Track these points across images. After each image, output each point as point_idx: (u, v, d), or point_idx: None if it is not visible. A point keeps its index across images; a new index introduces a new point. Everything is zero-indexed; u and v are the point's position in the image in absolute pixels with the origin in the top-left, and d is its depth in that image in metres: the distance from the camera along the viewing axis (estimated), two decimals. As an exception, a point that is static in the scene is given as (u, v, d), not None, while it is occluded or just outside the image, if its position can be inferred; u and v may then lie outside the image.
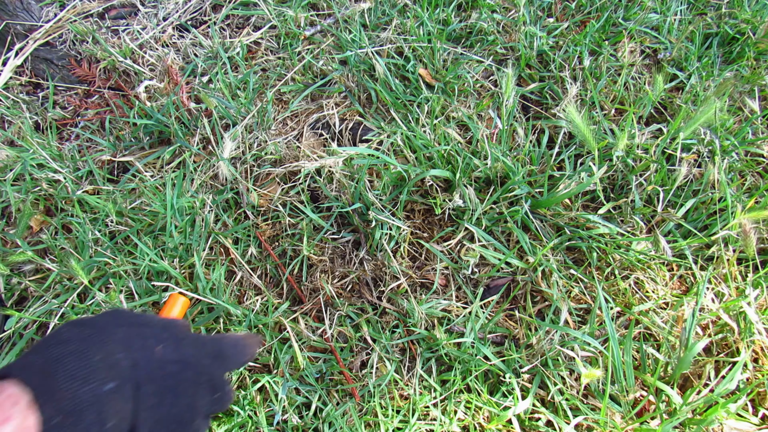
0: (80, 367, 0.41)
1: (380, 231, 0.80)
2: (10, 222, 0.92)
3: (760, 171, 0.92)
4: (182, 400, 0.47)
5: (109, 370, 0.42)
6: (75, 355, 0.42)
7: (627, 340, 0.70)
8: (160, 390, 0.46)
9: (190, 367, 0.49)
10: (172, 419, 0.47)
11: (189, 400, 0.48)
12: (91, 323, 0.46)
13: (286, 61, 1.03)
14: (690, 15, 1.11)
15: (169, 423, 0.46)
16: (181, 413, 0.47)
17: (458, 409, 0.71)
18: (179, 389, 0.47)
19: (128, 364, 0.44)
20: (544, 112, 0.97)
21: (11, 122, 1.02)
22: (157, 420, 0.45)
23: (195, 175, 0.90)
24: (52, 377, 0.39)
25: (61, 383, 0.39)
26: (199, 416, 0.49)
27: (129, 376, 0.43)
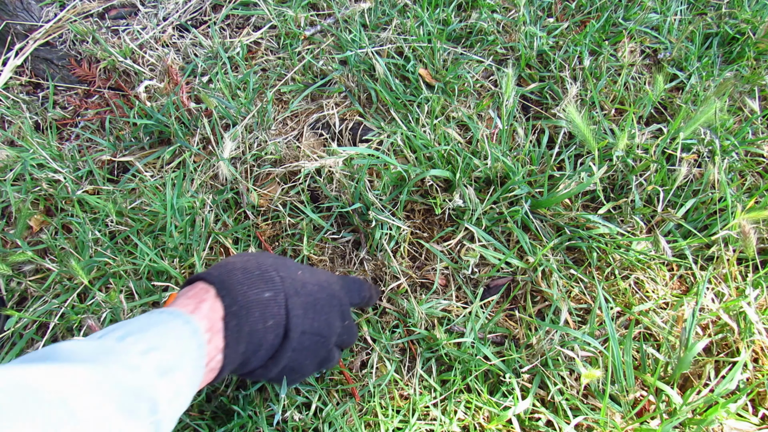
0: (246, 278, 0.52)
1: (380, 231, 0.80)
2: (10, 222, 0.92)
3: (760, 171, 0.92)
4: (321, 316, 0.56)
5: (266, 282, 0.53)
6: (241, 270, 0.53)
7: (627, 340, 0.70)
8: (304, 304, 0.55)
9: (324, 290, 0.59)
10: (315, 331, 0.56)
11: (326, 317, 0.57)
12: (248, 254, 0.58)
13: (286, 61, 1.03)
14: (690, 15, 1.11)
15: (312, 334, 0.55)
16: (321, 328, 0.56)
17: (458, 409, 0.71)
18: (317, 306, 0.56)
19: (279, 281, 0.54)
20: (544, 112, 0.97)
21: (11, 122, 1.02)
22: (303, 330, 0.54)
23: (195, 175, 0.90)
24: (227, 282, 0.51)
25: (234, 286, 0.51)
26: (335, 335, 0.59)
27: (280, 289, 0.53)
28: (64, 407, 0.32)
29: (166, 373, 0.40)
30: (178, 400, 0.41)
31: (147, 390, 0.38)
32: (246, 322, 0.49)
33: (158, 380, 0.39)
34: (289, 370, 0.56)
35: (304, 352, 0.56)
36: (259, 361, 0.53)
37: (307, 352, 0.56)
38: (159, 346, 0.41)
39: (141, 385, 0.38)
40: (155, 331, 0.43)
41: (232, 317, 0.48)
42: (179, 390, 0.41)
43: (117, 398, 0.35)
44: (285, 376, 0.58)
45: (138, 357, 0.39)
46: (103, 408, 0.34)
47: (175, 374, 0.41)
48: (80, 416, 0.32)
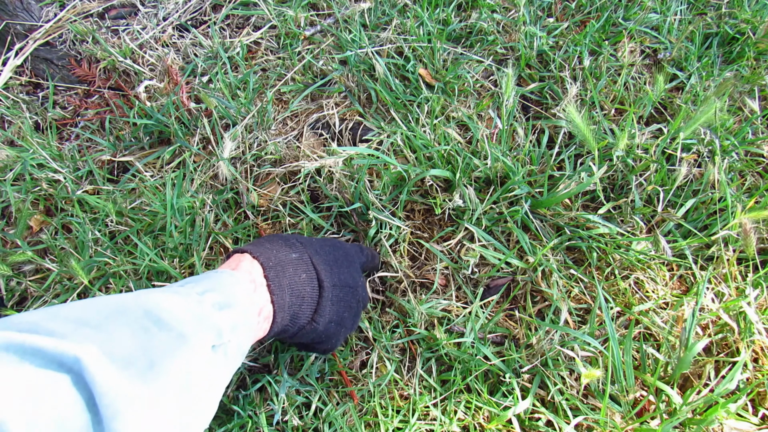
0: (272, 245, 0.59)
1: (376, 229, 0.80)
2: (10, 222, 0.92)
3: (760, 171, 0.92)
4: (344, 269, 0.63)
5: (291, 247, 0.60)
6: (267, 240, 0.61)
7: (627, 340, 0.70)
8: (326, 261, 0.61)
9: (339, 249, 0.66)
10: (344, 283, 0.62)
11: (348, 270, 0.64)
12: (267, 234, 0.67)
13: (286, 61, 1.03)
14: (690, 15, 1.11)
15: (342, 286, 0.62)
16: (347, 279, 0.63)
17: (458, 409, 0.71)
18: (339, 262, 0.63)
19: (301, 245, 0.61)
20: (544, 112, 0.97)
21: (11, 122, 1.02)
22: (334, 283, 0.60)
23: (195, 175, 0.90)
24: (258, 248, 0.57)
25: (264, 251, 0.57)
26: (359, 286, 0.65)
27: (304, 251, 0.60)
28: (150, 316, 0.38)
29: (224, 308, 0.46)
30: (238, 334, 0.47)
31: (210, 317, 0.44)
32: (284, 276, 0.55)
33: (218, 312, 0.45)
34: (335, 325, 0.61)
35: (341, 303, 0.61)
36: (305, 316, 0.58)
37: (343, 303, 0.61)
38: (213, 288, 0.48)
39: (205, 313, 0.44)
40: (208, 281, 0.49)
41: (270, 270, 0.55)
42: (236, 324, 0.47)
43: (189, 316, 0.41)
44: (332, 333, 0.62)
45: (198, 296, 0.46)
46: (181, 320, 0.40)
47: (231, 310, 0.47)
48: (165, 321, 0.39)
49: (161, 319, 0.39)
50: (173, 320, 0.40)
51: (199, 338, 0.41)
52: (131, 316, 0.38)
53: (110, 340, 0.35)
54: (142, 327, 0.37)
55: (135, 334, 0.36)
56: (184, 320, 0.40)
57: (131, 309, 0.38)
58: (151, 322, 0.38)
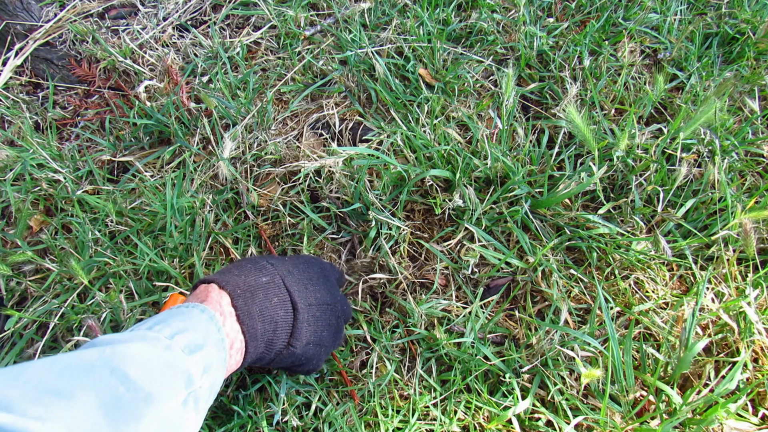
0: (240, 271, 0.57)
1: (376, 231, 0.80)
2: (10, 222, 0.92)
3: (760, 171, 0.92)
4: (320, 287, 0.61)
5: (260, 270, 0.58)
6: (235, 267, 0.59)
7: (627, 340, 0.70)
8: (300, 281, 0.60)
9: (313, 266, 0.64)
10: (320, 301, 0.60)
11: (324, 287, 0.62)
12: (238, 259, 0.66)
13: (286, 61, 1.03)
14: (690, 15, 1.11)
15: (319, 305, 0.60)
16: (324, 297, 0.61)
17: (458, 409, 0.71)
18: (314, 279, 0.62)
19: (272, 267, 0.59)
20: (544, 112, 0.97)
21: (11, 122, 1.02)
22: (309, 303, 0.59)
23: (195, 175, 0.90)
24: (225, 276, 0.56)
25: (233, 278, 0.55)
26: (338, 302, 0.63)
27: (275, 273, 0.59)
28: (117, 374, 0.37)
29: (194, 351, 0.44)
30: (210, 376, 0.45)
31: (180, 364, 0.42)
32: (253, 303, 0.54)
33: (188, 357, 0.44)
34: (313, 346, 0.59)
35: (318, 323, 0.59)
36: (280, 341, 0.56)
37: (321, 322, 0.60)
38: (183, 329, 0.46)
39: (174, 360, 0.42)
40: (177, 319, 0.47)
41: (238, 299, 0.53)
42: (209, 366, 0.45)
43: (159, 368, 0.40)
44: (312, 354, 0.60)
45: (167, 340, 0.44)
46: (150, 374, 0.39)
47: (203, 351, 0.45)
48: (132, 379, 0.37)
49: (128, 377, 0.37)
50: (141, 377, 0.38)
51: (169, 394, 0.39)
52: (97, 376, 0.36)
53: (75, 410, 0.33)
54: (108, 388, 0.36)
55: (100, 399, 0.35)
56: (152, 375, 0.39)
57: (97, 368, 0.37)
58: (118, 381, 0.37)
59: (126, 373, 0.37)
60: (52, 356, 0.38)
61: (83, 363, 0.37)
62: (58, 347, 0.77)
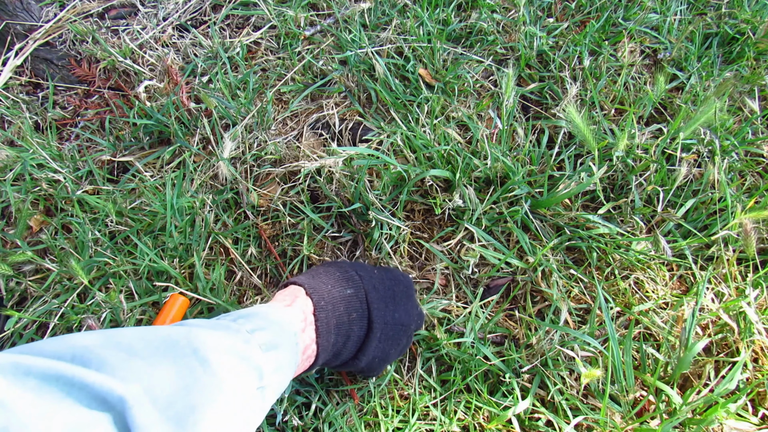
0: (329, 278, 0.59)
1: (378, 231, 0.80)
2: (10, 222, 0.92)
3: (760, 171, 0.92)
4: (400, 307, 0.62)
5: (347, 281, 0.60)
6: (324, 273, 0.61)
7: (627, 340, 0.70)
8: (383, 297, 0.61)
9: (400, 283, 0.65)
10: (397, 321, 0.61)
11: (405, 307, 0.63)
12: (329, 262, 0.67)
13: (286, 61, 1.03)
14: (690, 15, 1.11)
15: (395, 324, 0.61)
16: (402, 317, 0.62)
17: (458, 409, 0.71)
18: (396, 298, 0.62)
19: (359, 279, 0.61)
20: (544, 112, 0.97)
21: (11, 122, 1.02)
22: (386, 322, 0.60)
23: (195, 175, 0.90)
24: (314, 283, 0.58)
25: (320, 286, 0.58)
26: (413, 322, 0.65)
27: (360, 286, 0.60)
28: (197, 355, 0.40)
29: (269, 349, 0.47)
30: (280, 375, 0.48)
31: (255, 359, 0.45)
32: (333, 316, 0.56)
33: (263, 354, 0.46)
34: (379, 360, 0.61)
35: (389, 342, 0.61)
36: (348, 352, 0.59)
37: (392, 341, 0.61)
38: (262, 327, 0.48)
39: (250, 355, 0.45)
40: (259, 317, 0.50)
41: (321, 311, 0.55)
42: (280, 366, 0.48)
43: (235, 360, 0.43)
44: (375, 367, 0.63)
45: (247, 334, 0.46)
46: (226, 363, 0.41)
47: (277, 351, 0.48)
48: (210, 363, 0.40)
49: (207, 360, 0.40)
50: (218, 363, 0.40)
51: (241, 383, 0.42)
52: (179, 353, 0.39)
53: (156, 376, 0.36)
54: (188, 366, 0.39)
55: (180, 373, 0.38)
56: (229, 363, 0.42)
57: (181, 345, 0.40)
58: (197, 361, 0.39)
59: (206, 357, 0.40)
60: (143, 326, 0.42)
61: (170, 338, 0.40)
62: (58, 347, 0.77)
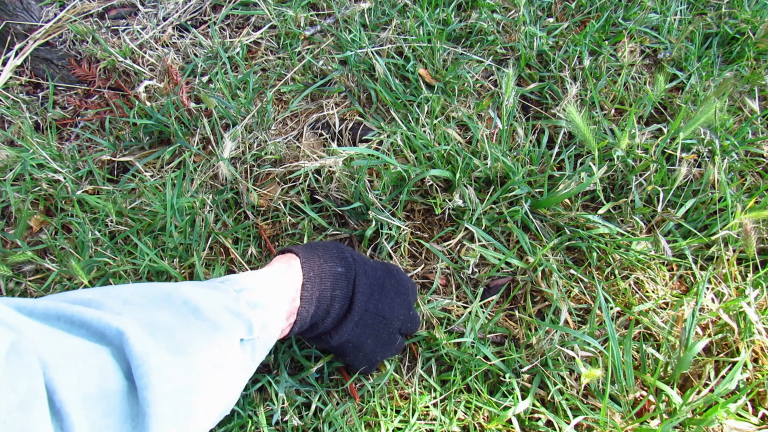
0: (325, 253, 0.61)
1: (376, 229, 0.80)
2: (10, 222, 0.92)
3: (760, 171, 0.92)
4: (385, 299, 0.63)
5: (341, 260, 0.61)
6: (322, 248, 0.62)
7: (627, 340, 0.70)
8: (371, 284, 0.62)
9: (393, 277, 0.66)
10: (377, 311, 0.62)
11: (390, 302, 0.63)
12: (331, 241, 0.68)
13: (286, 61, 1.03)
14: (690, 15, 1.11)
15: (375, 314, 0.62)
16: (384, 309, 0.63)
17: (458, 409, 0.71)
18: (384, 290, 0.63)
19: (352, 261, 0.62)
20: (544, 112, 0.97)
21: (11, 122, 1.02)
22: (366, 309, 0.61)
23: (195, 175, 0.90)
24: (310, 255, 0.60)
25: (314, 259, 0.60)
26: (398, 321, 0.65)
27: (352, 267, 0.61)
28: (189, 305, 0.43)
29: (256, 307, 0.50)
30: (267, 331, 0.51)
31: (244, 312, 0.48)
32: (317, 288, 0.58)
33: (251, 310, 0.49)
34: (352, 346, 0.62)
35: (366, 329, 0.62)
36: (324, 327, 0.60)
37: (369, 330, 0.62)
38: (250, 288, 0.52)
39: (239, 309, 0.47)
40: (248, 277, 0.54)
41: (308, 282, 0.58)
42: (266, 323, 0.51)
43: (224, 312, 0.45)
44: (348, 352, 0.64)
45: (235, 293, 0.50)
46: (217, 312, 0.44)
47: (264, 310, 0.51)
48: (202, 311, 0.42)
49: (199, 309, 0.43)
50: (209, 312, 0.43)
51: (232, 330, 0.45)
52: (172, 303, 0.42)
53: (151, 316, 0.39)
54: (181, 313, 0.42)
55: (174, 317, 0.41)
56: (219, 313, 0.44)
57: (173, 297, 0.43)
58: (189, 310, 0.42)
59: (197, 306, 0.43)
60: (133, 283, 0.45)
61: (161, 291, 0.43)
62: (58, 347, 0.77)
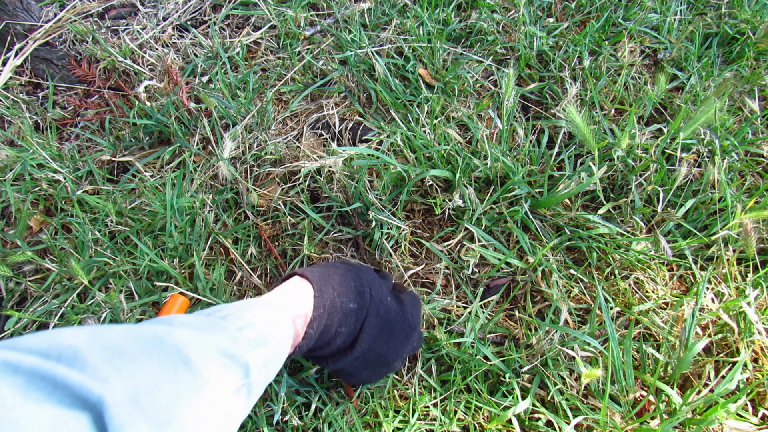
0: (341, 285, 0.60)
1: (379, 231, 0.80)
2: (10, 222, 0.92)
3: (760, 171, 0.92)
4: (392, 344, 0.62)
5: (356, 295, 0.60)
6: (339, 276, 0.61)
7: (627, 340, 0.70)
8: (380, 325, 0.61)
9: (407, 324, 0.64)
10: (381, 352, 0.62)
11: (397, 344, 0.63)
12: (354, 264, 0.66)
13: (286, 61, 1.03)
14: (690, 15, 1.11)
15: (378, 354, 0.61)
16: (389, 352, 0.62)
17: (458, 409, 0.71)
18: (393, 335, 0.62)
19: (368, 297, 0.60)
20: (544, 112, 0.97)
21: (11, 122, 1.02)
22: (369, 348, 0.60)
23: (195, 175, 0.90)
24: (324, 286, 0.58)
25: (327, 290, 0.58)
26: (400, 359, 0.65)
27: (365, 305, 0.60)
28: (180, 354, 0.41)
29: (258, 346, 0.48)
30: (268, 368, 0.50)
31: (242, 357, 0.46)
32: (324, 323, 0.57)
33: (250, 351, 0.47)
34: (347, 373, 0.63)
35: (365, 364, 0.62)
36: (323, 354, 0.61)
37: (368, 365, 0.62)
38: (252, 324, 0.50)
39: (237, 353, 0.46)
40: (250, 312, 0.52)
41: (316, 320, 0.56)
42: (268, 361, 0.49)
43: (220, 358, 0.44)
44: (342, 376, 0.64)
45: (236, 331, 0.48)
46: (209, 362, 0.43)
47: (266, 347, 0.49)
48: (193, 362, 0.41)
49: (189, 359, 0.41)
50: (201, 361, 0.42)
51: (225, 380, 0.44)
52: (163, 351, 0.40)
53: (138, 375, 0.38)
54: (171, 363, 0.40)
55: (163, 370, 0.39)
56: (212, 361, 0.43)
57: (166, 343, 0.41)
58: (180, 360, 0.41)
59: (188, 356, 0.41)
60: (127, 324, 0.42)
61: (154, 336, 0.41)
62: (58, 347, 0.77)
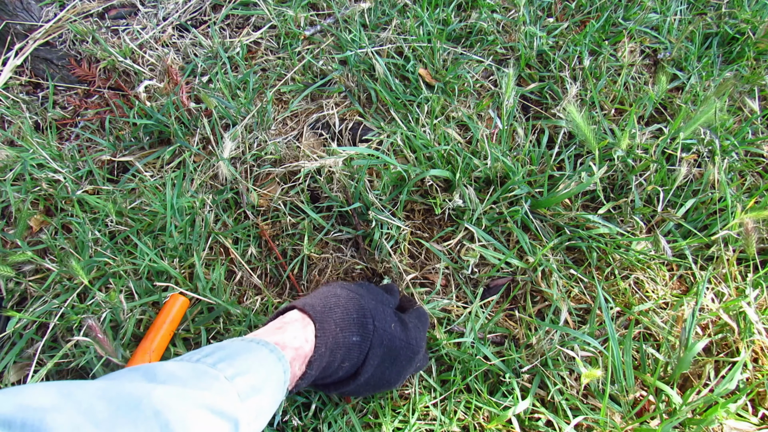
0: (342, 319, 0.58)
1: (379, 231, 0.80)
2: (10, 222, 0.92)
3: (760, 171, 0.92)
4: (395, 369, 0.62)
5: (359, 327, 0.59)
6: (341, 308, 0.59)
7: (627, 340, 0.70)
8: (383, 354, 0.60)
9: (410, 350, 0.63)
10: (385, 378, 0.62)
11: (400, 370, 0.63)
12: (356, 290, 0.64)
13: (286, 61, 1.03)
14: (690, 15, 1.11)
15: (381, 379, 0.62)
16: (392, 377, 0.63)
17: (458, 409, 0.71)
18: (397, 362, 0.62)
19: (372, 329, 0.59)
20: (544, 112, 0.97)
21: (11, 122, 1.02)
22: (373, 374, 0.61)
23: (195, 175, 0.90)
24: (327, 321, 0.57)
25: (329, 326, 0.57)
26: (401, 382, 0.65)
27: (369, 337, 0.59)
28: (159, 418, 0.38)
29: (250, 396, 0.46)
30: (260, 416, 0.47)
31: (231, 412, 0.43)
32: (326, 360, 0.56)
33: (241, 404, 0.45)
34: (347, 393, 0.63)
35: (367, 387, 0.62)
36: (324, 382, 0.60)
37: (370, 387, 0.63)
38: (245, 371, 0.47)
39: (226, 408, 0.43)
40: (244, 358, 0.49)
41: (317, 359, 0.55)
42: (261, 410, 0.47)
43: (205, 416, 0.41)
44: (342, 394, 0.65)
45: (226, 382, 0.45)
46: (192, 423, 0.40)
47: (259, 396, 0.47)
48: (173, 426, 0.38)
49: (170, 422, 0.38)
50: (182, 425, 0.39)
51: None
52: (140, 415, 0.38)
53: None
54: (149, 429, 0.37)
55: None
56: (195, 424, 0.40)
57: (143, 406, 0.39)
58: (158, 425, 0.38)
59: (168, 420, 0.38)
60: (107, 381, 0.40)
61: (132, 397, 0.39)
62: (58, 347, 0.77)
